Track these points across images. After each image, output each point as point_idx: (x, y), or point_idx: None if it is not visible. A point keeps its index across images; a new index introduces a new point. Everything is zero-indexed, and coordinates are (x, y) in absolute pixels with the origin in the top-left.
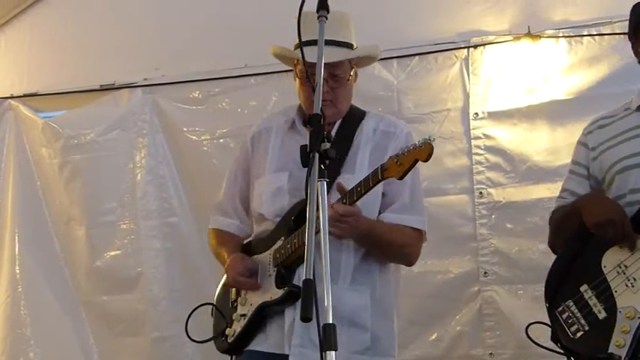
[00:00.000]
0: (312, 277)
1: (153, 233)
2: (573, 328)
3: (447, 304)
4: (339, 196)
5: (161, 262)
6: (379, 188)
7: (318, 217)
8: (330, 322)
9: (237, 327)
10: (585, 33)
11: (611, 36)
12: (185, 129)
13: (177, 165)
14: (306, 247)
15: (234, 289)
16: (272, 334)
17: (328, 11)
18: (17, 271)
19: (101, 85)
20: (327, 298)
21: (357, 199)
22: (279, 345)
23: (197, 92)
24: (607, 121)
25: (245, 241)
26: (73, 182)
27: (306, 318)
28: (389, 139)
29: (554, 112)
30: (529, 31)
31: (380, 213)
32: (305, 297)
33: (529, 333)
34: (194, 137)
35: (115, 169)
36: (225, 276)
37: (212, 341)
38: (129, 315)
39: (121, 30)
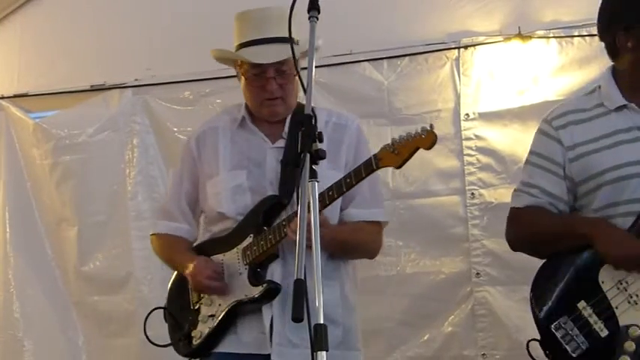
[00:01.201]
0: (303, 277)
1: (143, 233)
2: (571, 346)
3: (439, 305)
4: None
5: (151, 263)
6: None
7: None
8: (321, 322)
9: (205, 328)
10: (576, 34)
11: None
12: (176, 129)
13: (168, 165)
14: (297, 247)
15: (193, 291)
16: (245, 335)
17: (319, 11)
18: (9, 273)
19: (92, 86)
20: (317, 298)
21: (347, 190)
22: (255, 345)
23: (188, 92)
24: (580, 117)
25: (195, 244)
26: (64, 183)
27: (297, 318)
28: (342, 132)
29: (545, 113)
30: (519, 31)
31: (341, 209)
32: (296, 297)
33: (529, 349)
34: (185, 138)
35: (106, 169)
36: (173, 278)
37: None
38: (119, 315)
39: (112, 30)
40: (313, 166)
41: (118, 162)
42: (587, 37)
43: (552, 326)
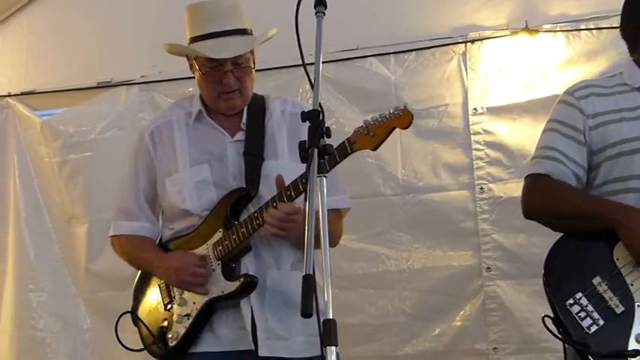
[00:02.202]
0: (312, 272)
1: None
2: (586, 323)
3: (449, 299)
4: (295, 188)
5: None
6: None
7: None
8: (331, 317)
9: (180, 328)
10: (583, 27)
11: (609, 30)
12: None
13: None
14: (305, 241)
15: (163, 291)
16: (222, 332)
17: (326, 7)
18: (23, 270)
19: (98, 83)
20: (326, 294)
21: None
22: (235, 341)
23: (192, 88)
24: (601, 91)
25: (159, 242)
26: (73, 181)
27: (306, 314)
28: (298, 120)
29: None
30: (526, 25)
31: None
32: (305, 292)
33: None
34: None
35: (114, 166)
36: (136, 280)
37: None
38: None
39: (118, 27)
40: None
41: (126, 159)
42: (594, 31)
43: (567, 303)
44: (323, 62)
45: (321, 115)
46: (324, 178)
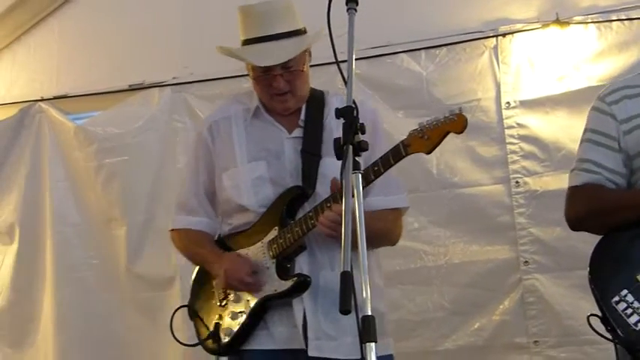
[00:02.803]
0: (349, 269)
1: None
2: (633, 319)
3: (488, 294)
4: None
5: None
6: None
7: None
8: (369, 313)
9: (234, 325)
10: (614, 18)
11: None
12: None
13: None
14: (342, 239)
15: (219, 288)
16: (276, 330)
17: (357, 3)
18: (62, 273)
19: (130, 85)
20: (365, 290)
21: (376, 178)
22: (288, 340)
23: (226, 89)
24: (634, 92)
25: (216, 238)
26: (110, 184)
27: (345, 310)
28: None
29: (586, 99)
30: (557, 17)
31: None
32: (344, 289)
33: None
34: None
35: (149, 168)
36: (195, 275)
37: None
38: (170, 310)
39: (148, 29)
40: (356, 158)
41: (161, 160)
42: (625, 22)
43: (613, 300)
44: (355, 59)
45: (355, 112)
46: (360, 175)
